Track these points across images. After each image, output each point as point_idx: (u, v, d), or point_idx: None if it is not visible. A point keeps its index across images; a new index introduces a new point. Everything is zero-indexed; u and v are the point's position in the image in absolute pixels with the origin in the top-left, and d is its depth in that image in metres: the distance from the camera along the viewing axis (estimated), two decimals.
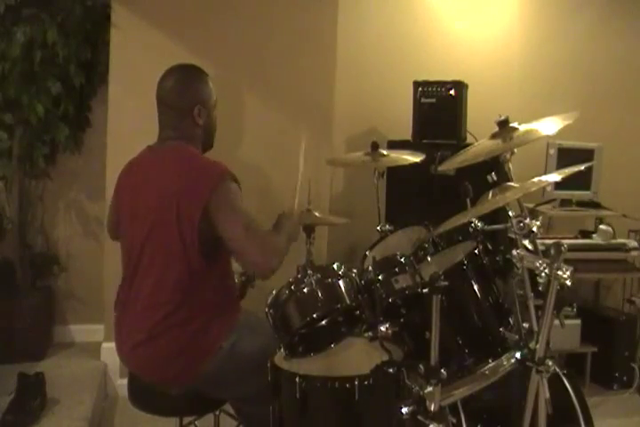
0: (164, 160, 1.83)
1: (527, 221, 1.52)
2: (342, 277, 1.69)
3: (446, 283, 1.41)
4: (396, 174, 2.89)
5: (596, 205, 3.35)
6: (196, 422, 2.07)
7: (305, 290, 1.65)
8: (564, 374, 1.79)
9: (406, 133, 3.08)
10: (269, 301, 1.69)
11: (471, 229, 1.81)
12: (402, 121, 3.10)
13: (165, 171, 1.80)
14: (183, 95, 1.88)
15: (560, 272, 1.40)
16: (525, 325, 1.62)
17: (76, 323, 3.22)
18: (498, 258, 1.76)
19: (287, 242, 1.88)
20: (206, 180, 1.74)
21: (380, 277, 1.68)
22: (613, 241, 3.08)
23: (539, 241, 1.56)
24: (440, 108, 3.01)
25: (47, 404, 2.35)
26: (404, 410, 1.47)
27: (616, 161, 3.45)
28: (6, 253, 2.98)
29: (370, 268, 1.75)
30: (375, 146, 2.41)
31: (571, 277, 1.41)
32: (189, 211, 1.71)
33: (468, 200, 1.82)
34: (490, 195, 1.58)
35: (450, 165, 1.78)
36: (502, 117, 1.59)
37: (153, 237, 1.76)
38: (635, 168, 3.70)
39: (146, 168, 1.86)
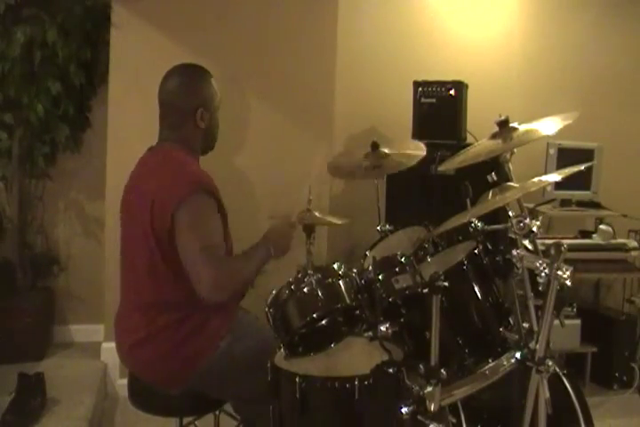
0: (150, 163, 1.84)
1: (527, 221, 1.52)
2: (342, 277, 1.69)
3: (446, 283, 1.41)
4: (396, 174, 2.88)
5: (596, 205, 3.36)
6: (196, 422, 2.07)
7: (305, 290, 1.65)
8: (564, 374, 1.79)
9: (406, 133, 3.08)
10: (269, 300, 1.69)
11: (471, 229, 1.81)
12: (402, 121, 3.10)
13: (147, 174, 1.81)
14: (185, 98, 1.85)
15: (560, 272, 1.40)
16: (525, 325, 1.62)
17: (75, 323, 3.22)
18: (498, 258, 1.76)
19: (254, 268, 1.79)
20: (177, 188, 1.70)
21: (379, 277, 1.68)
22: (613, 241, 3.08)
23: (539, 241, 1.56)
24: (440, 108, 3.01)
25: (47, 404, 2.35)
26: (404, 410, 1.47)
27: (616, 161, 3.45)
28: (6, 253, 2.98)
29: (370, 268, 1.74)
30: (375, 146, 2.41)
31: (571, 277, 1.41)
32: (161, 218, 1.69)
33: (468, 200, 1.82)
34: (490, 195, 1.58)
35: (450, 165, 1.78)
36: (502, 117, 1.59)
37: (140, 238, 1.75)
38: (635, 168, 3.70)
39: (138, 170, 1.87)
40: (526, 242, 1.56)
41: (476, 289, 1.73)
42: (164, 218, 1.69)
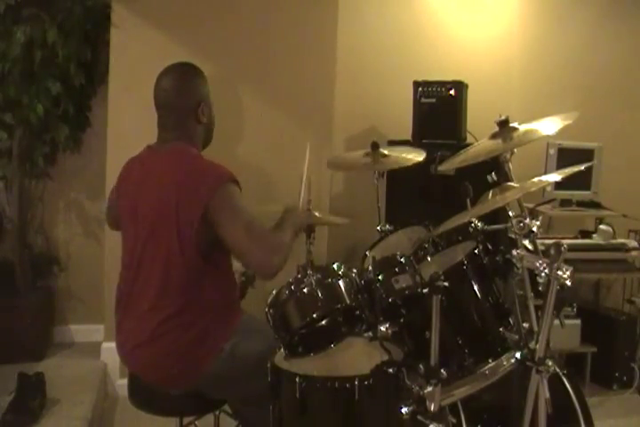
0: (165, 161, 1.82)
1: (527, 221, 1.52)
2: (342, 277, 1.69)
3: (446, 283, 1.41)
4: (396, 174, 2.88)
5: (596, 205, 3.36)
6: (196, 422, 2.07)
7: (305, 290, 1.65)
8: (563, 374, 1.79)
9: (406, 133, 3.08)
10: (269, 301, 1.69)
11: (471, 229, 1.81)
12: (402, 121, 3.10)
13: (166, 172, 1.79)
14: (186, 94, 1.87)
15: (560, 272, 1.40)
16: (525, 325, 1.62)
17: (75, 323, 3.22)
18: (498, 258, 1.76)
19: (291, 238, 1.83)
20: (207, 182, 1.72)
21: (379, 277, 1.68)
22: (613, 241, 3.07)
23: (539, 241, 1.56)
24: (440, 108, 3.01)
25: (47, 404, 2.35)
26: (404, 410, 1.47)
27: (616, 161, 3.45)
28: (6, 253, 2.98)
29: (370, 268, 1.74)
30: (375, 146, 2.41)
31: (571, 277, 1.41)
32: (189, 212, 1.70)
33: (468, 200, 1.82)
34: (490, 195, 1.58)
35: (450, 165, 1.78)
36: (502, 117, 1.59)
37: (153, 238, 1.75)
38: (635, 168, 3.70)
39: (146, 168, 1.85)
40: (526, 242, 1.56)
41: (476, 289, 1.73)
42: (193, 213, 1.69)
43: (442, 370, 1.44)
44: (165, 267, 1.75)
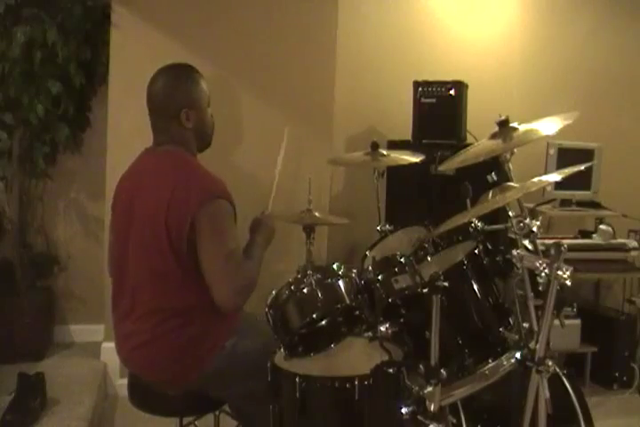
0: (159, 166, 1.81)
1: (527, 221, 1.52)
2: (342, 277, 1.69)
3: (446, 283, 1.41)
4: (396, 174, 2.89)
5: (596, 205, 3.36)
6: (196, 422, 2.07)
7: (305, 290, 1.65)
8: (563, 374, 1.79)
9: (406, 133, 3.09)
10: (269, 301, 1.69)
11: (471, 229, 1.81)
12: (402, 121, 3.10)
13: (160, 178, 1.77)
14: (169, 99, 1.82)
15: (560, 272, 1.40)
16: (525, 325, 1.62)
17: (76, 323, 3.22)
18: (498, 258, 1.76)
19: (259, 263, 1.84)
20: (198, 193, 1.70)
21: (379, 278, 1.68)
22: (613, 241, 3.08)
23: (539, 241, 1.56)
24: (440, 108, 3.01)
25: (47, 404, 2.35)
26: (404, 410, 1.47)
27: (616, 161, 3.45)
28: (6, 253, 2.98)
29: (370, 268, 1.75)
30: (375, 146, 2.41)
31: (571, 277, 1.41)
32: (178, 221, 1.68)
33: (468, 200, 1.82)
34: (490, 195, 1.58)
35: (450, 165, 1.77)
36: (502, 117, 1.59)
37: (148, 243, 1.74)
38: (635, 168, 3.71)
39: (142, 173, 1.84)
40: (526, 242, 1.56)
41: (476, 289, 1.73)
42: (182, 221, 1.67)
43: (442, 370, 1.44)
44: (160, 273, 1.74)
